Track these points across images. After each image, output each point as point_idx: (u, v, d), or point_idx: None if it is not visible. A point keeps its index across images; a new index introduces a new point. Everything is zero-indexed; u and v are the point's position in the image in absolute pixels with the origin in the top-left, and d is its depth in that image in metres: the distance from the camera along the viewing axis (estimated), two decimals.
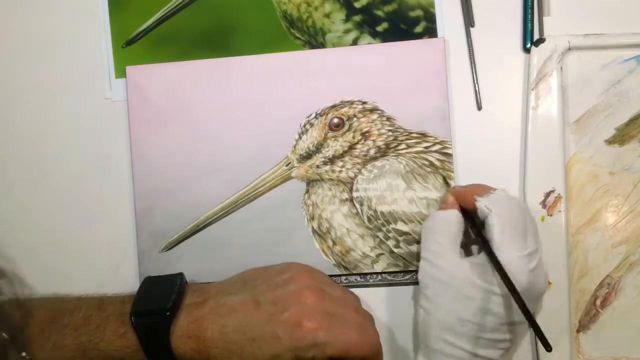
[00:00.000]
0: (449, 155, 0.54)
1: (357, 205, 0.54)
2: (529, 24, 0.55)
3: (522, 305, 0.42)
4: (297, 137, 0.55)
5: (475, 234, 0.48)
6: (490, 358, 0.45)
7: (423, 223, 0.50)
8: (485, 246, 0.45)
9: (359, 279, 0.55)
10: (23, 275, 0.58)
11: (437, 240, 0.47)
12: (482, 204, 0.46)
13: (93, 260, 0.58)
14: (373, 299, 0.55)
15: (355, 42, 0.56)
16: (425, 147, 0.54)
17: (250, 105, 0.56)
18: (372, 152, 0.55)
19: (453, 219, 0.48)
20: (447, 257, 0.46)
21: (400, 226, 0.54)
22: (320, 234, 0.55)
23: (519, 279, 0.43)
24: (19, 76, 0.59)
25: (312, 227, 0.55)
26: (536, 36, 0.55)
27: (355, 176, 0.55)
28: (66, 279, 0.58)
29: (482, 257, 0.46)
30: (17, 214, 0.58)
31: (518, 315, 0.44)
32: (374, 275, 0.55)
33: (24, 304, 0.51)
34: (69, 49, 0.58)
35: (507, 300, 0.44)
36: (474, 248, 0.52)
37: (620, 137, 0.54)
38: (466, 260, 0.47)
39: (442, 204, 0.50)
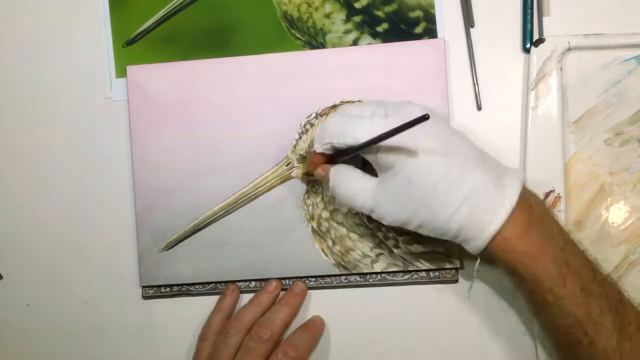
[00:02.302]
0: None
1: None
2: (529, 24, 0.55)
3: (394, 131, 0.41)
4: (297, 137, 0.55)
5: (355, 148, 0.45)
6: (480, 180, 0.43)
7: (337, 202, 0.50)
8: (353, 148, 0.45)
9: (358, 278, 0.55)
10: (23, 275, 0.58)
11: (355, 193, 0.47)
12: (318, 146, 0.47)
13: (92, 260, 0.58)
14: (373, 299, 0.55)
15: (355, 43, 0.57)
16: None
17: (251, 105, 0.56)
18: None
19: (338, 172, 0.48)
20: (370, 190, 0.46)
21: None
22: (320, 234, 0.55)
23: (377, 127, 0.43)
24: (20, 76, 0.59)
25: (312, 227, 0.55)
26: (536, 36, 0.55)
27: None
28: (66, 279, 0.58)
29: (383, 164, 0.45)
30: (17, 213, 0.59)
31: (458, 135, 0.46)
32: (374, 275, 0.55)
33: None
34: (69, 48, 0.59)
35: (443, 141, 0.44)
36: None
37: (620, 137, 0.54)
38: (379, 177, 0.46)
39: (323, 180, 0.49)
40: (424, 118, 0.40)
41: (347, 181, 0.47)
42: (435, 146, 0.44)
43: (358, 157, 0.47)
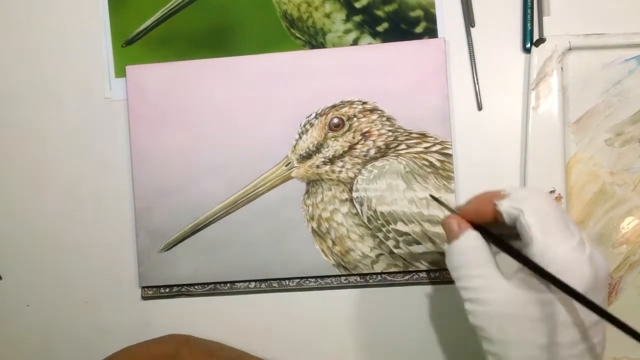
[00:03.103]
0: (449, 155, 0.54)
1: (357, 206, 0.54)
2: (529, 24, 0.55)
3: (589, 304, 0.35)
4: (297, 137, 0.55)
5: (501, 247, 0.40)
6: None
7: (446, 261, 0.42)
8: (520, 257, 0.38)
9: (358, 279, 0.55)
10: (22, 276, 0.58)
11: (470, 274, 0.40)
12: (507, 205, 0.39)
13: (92, 260, 0.58)
14: (373, 299, 0.55)
15: (355, 42, 0.56)
16: (425, 148, 0.54)
17: (250, 105, 0.56)
18: (372, 152, 0.55)
19: (473, 242, 0.41)
20: (491, 287, 0.39)
21: (400, 226, 0.54)
22: (320, 234, 0.55)
23: (580, 274, 0.37)
24: (19, 76, 0.59)
25: (312, 227, 0.55)
26: (536, 36, 0.55)
27: (355, 176, 0.55)
28: (65, 279, 0.58)
29: (522, 270, 0.39)
30: (16, 213, 0.58)
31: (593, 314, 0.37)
32: (374, 276, 0.55)
33: None
34: (68, 48, 0.58)
35: (571, 302, 0.37)
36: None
37: (621, 137, 0.54)
38: (511, 280, 0.39)
39: (450, 232, 0.42)
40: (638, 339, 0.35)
41: (481, 255, 0.40)
42: (587, 318, 0.38)
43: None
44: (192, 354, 0.52)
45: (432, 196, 0.52)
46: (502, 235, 0.41)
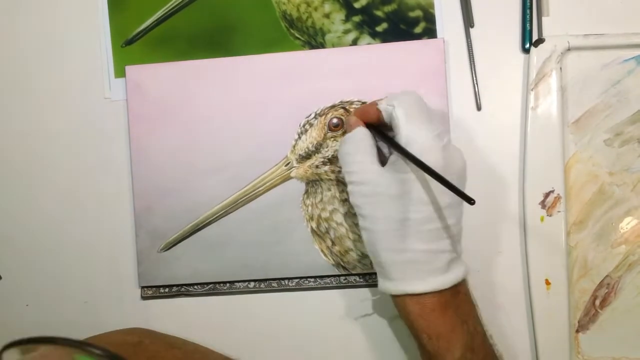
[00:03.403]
0: None
1: None
2: (528, 25, 0.55)
3: (435, 175, 0.42)
4: (296, 137, 0.55)
5: (378, 136, 0.48)
6: (439, 249, 0.45)
7: (338, 150, 0.49)
8: (390, 141, 0.46)
9: (358, 279, 0.55)
10: (23, 275, 0.58)
11: (355, 160, 0.47)
12: (384, 104, 0.47)
13: (92, 260, 0.58)
14: (373, 299, 0.55)
15: (354, 43, 0.57)
16: None
17: (250, 105, 0.56)
18: None
19: (361, 134, 0.48)
20: (368, 170, 0.46)
21: None
22: (319, 234, 0.55)
23: (433, 157, 0.44)
24: (19, 76, 0.59)
25: (311, 227, 0.55)
26: (535, 36, 0.55)
27: None
28: (65, 279, 0.58)
29: (395, 155, 0.46)
30: (16, 213, 0.58)
31: (448, 196, 0.44)
32: (373, 276, 0.55)
33: None
34: (68, 48, 0.58)
35: (431, 184, 0.44)
36: (388, 154, 0.50)
37: (620, 137, 0.54)
38: (386, 166, 0.47)
39: (347, 126, 0.50)
40: (469, 201, 0.42)
41: (363, 145, 0.47)
42: (440, 198, 0.45)
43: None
44: (154, 343, 0.53)
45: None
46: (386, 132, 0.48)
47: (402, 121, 0.45)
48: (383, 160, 0.48)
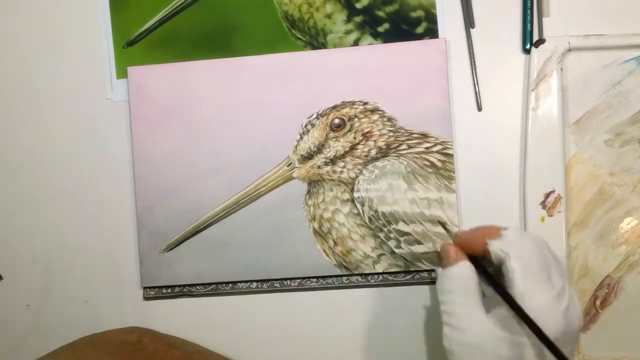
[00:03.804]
0: (450, 155, 0.54)
1: (359, 206, 0.55)
2: (529, 25, 0.55)
3: (558, 354, 0.37)
4: (298, 137, 0.55)
5: (490, 284, 0.43)
6: None
7: (437, 283, 0.44)
8: (506, 297, 0.40)
9: (360, 279, 0.55)
10: (23, 276, 0.58)
11: (456, 301, 0.42)
12: (496, 247, 0.42)
13: (94, 260, 0.58)
14: (374, 299, 0.56)
15: (356, 43, 0.57)
16: (426, 148, 0.55)
17: (252, 105, 0.56)
18: (373, 152, 0.55)
19: (465, 272, 0.43)
20: (470, 317, 0.41)
21: (402, 227, 0.54)
22: (322, 235, 0.55)
23: (553, 324, 0.39)
24: (21, 77, 0.59)
25: (313, 228, 0.55)
26: (536, 37, 0.55)
27: (357, 177, 0.55)
28: (66, 279, 0.58)
29: (504, 309, 0.41)
30: (17, 214, 0.58)
31: None
32: (375, 276, 0.55)
33: None
34: (70, 49, 0.58)
35: (543, 350, 0.39)
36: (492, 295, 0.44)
37: (621, 137, 0.54)
38: (491, 314, 0.41)
39: (447, 259, 0.44)
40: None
41: (467, 286, 0.43)
42: None
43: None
44: (153, 343, 0.53)
45: (439, 222, 0.54)
46: (492, 269, 0.43)
47: (519, 277, 0.40)
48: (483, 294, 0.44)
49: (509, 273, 0.40)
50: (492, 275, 0.43)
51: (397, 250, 0.54)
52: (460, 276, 0.43)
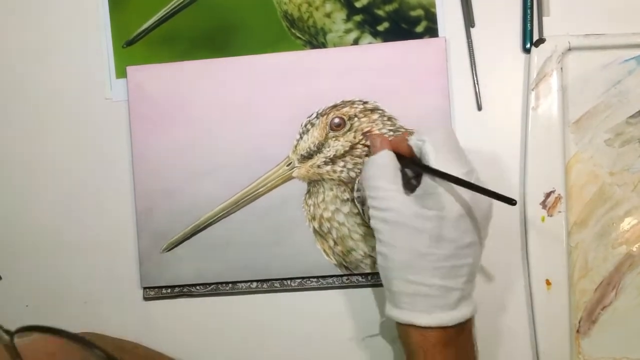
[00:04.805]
0: None
1: (359, 205, 0.55)
2: (529, 24, 0.55)
3: (471, 186, 0.44)
4: (298, 137, 0.55)
5: (410, 163, 0.49)
6: (452, 287, 0.45)
7: (362, 170, 0.50)
8: (425, 167, 0.46)
9: (360, 279, 0.55)
10: (22, 276, 0.58)
11: (379, 185, 0.47)
12: (414, 138, 0.48)
13: (93, 260, 0.58)
14: (375, 299, 0.56)
15: (356, 42, 0.56)
16: None
17: (251, 105, 0.56)
18: None
19: (387, 159, 0.49)
20: (392, 197, 0.46)
21: None
22: (322, 234, 0.55)
23: (462, 196, 0.45)
24: (20, 76, 0.59)
25: (313, 227, 0.55)
26: (536, 36, 0.55)
27: (357, 176, 0.55)
28: (65, 279, 0.58)
29: (424, 187, 0.46)
30: (17, 214, 0.58)
31: (471, 235, 0.45)
32: (376, 276, 0.55)
33: None
34: (69, 49, 0.58)
35: (457, 222, 0.45)
36: (414, 184, 0.50)
37: (621, 137, 0.54)
38: (411, 195, 0.47)
39: (373, 147, 0.51)
40: (510, 202, 0.43)
41: (388, 170, 0.48)
42: (464, 237, 0.45)
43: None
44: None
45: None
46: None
47: (432, 156, 0.46)
48: (406, 184, 0.49)
49: (426, 156, 0.46)
50: (411, 158, 0.49)
51: None
52: (382, 162, 0.48)
